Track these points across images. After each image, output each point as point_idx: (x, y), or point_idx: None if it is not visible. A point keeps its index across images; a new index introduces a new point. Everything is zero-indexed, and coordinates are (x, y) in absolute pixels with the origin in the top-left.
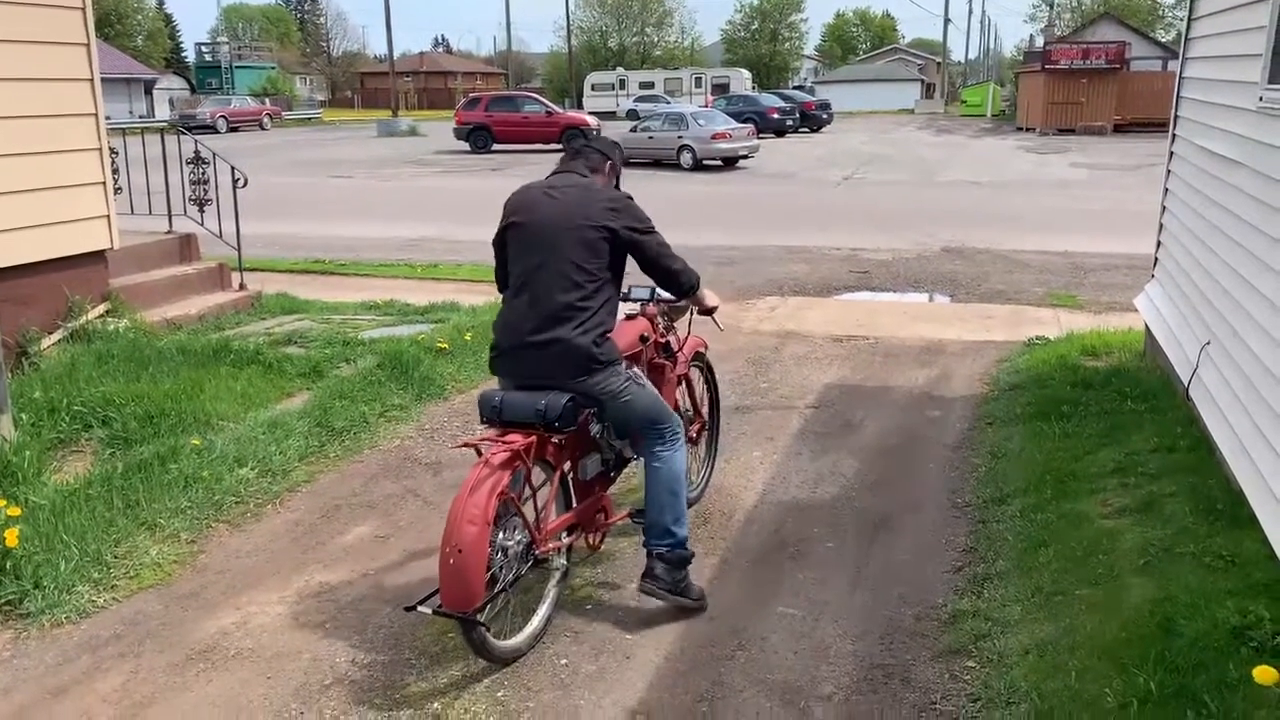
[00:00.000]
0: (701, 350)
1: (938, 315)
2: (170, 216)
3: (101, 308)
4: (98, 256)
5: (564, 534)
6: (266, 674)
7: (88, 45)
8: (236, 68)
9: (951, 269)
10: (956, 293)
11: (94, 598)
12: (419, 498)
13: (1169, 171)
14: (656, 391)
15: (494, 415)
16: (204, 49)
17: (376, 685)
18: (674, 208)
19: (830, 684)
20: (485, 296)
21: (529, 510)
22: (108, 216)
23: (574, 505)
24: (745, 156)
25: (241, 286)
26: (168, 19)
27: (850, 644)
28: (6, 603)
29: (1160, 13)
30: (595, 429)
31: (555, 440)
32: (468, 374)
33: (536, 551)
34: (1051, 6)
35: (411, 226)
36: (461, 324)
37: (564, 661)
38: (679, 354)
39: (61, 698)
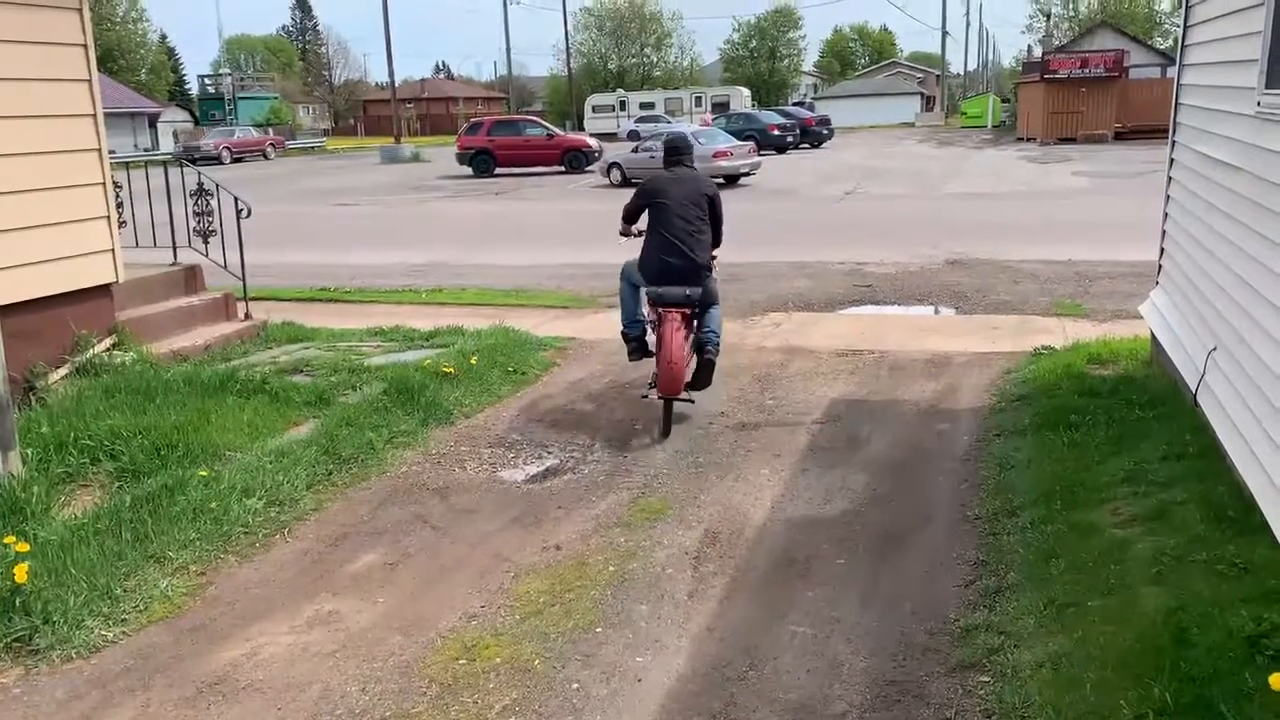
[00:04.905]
0: None
1: (943, 328)
2: (175, 248)
3: (108, 341)
4: (103, 290)
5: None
6: (277, 705)
7: (90, 81)
8: (239, 99)
9: (956, 281)
10: (961, 305)
11: (104, 632)
12: (427, 524)
13: (1170, 178)
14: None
15: (659, 300)
16: (207, 81)
17: (387, 714)
18: None
19: (843, 702)
20: (489, 320)
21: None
22: (113, 250)
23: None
24: (747, 174)
25: (247, 316)
26: (170, 52)
27: (862, 661)
28: (16, 639)
29: (1157, 20)
30: (693, 314)
31: (691, 313)
32: (474, 398)
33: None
34: (1048, 17)
35: (416, 252)
36: (466, 348)
37: (575, 685)
38: None
39: None
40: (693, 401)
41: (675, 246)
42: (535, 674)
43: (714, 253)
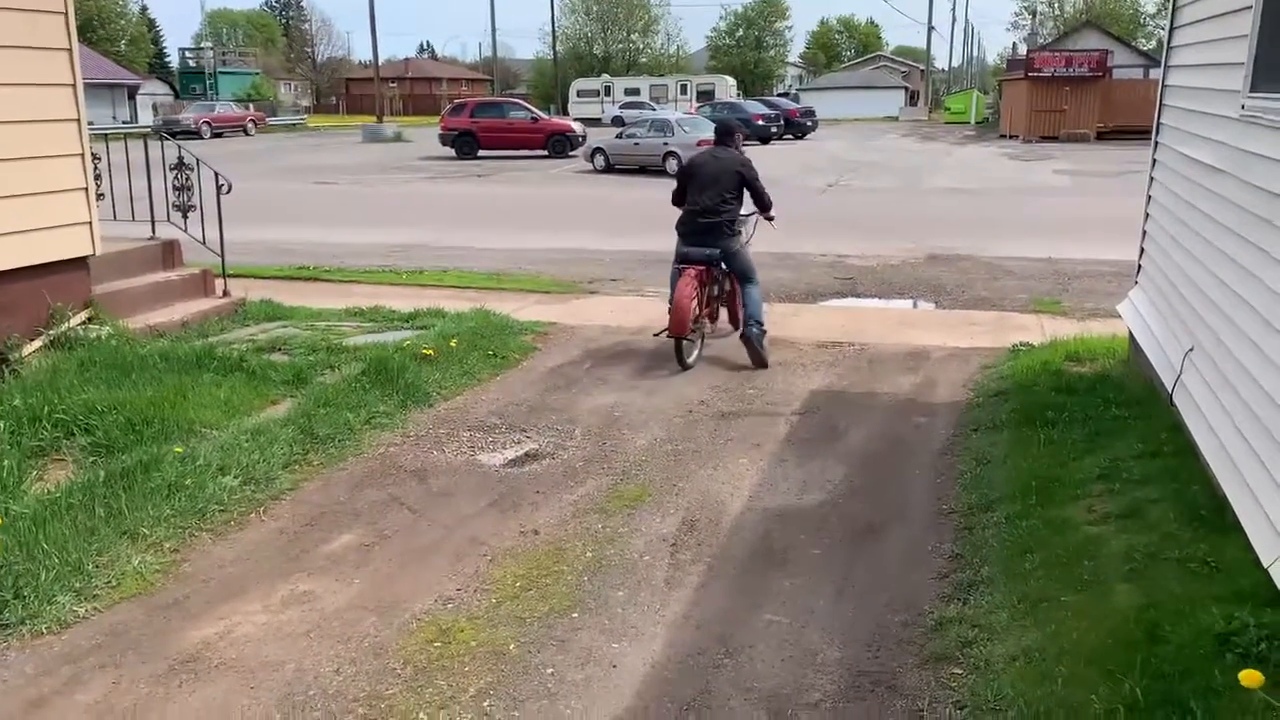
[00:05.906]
0: None
1: (923, 322)
2: (153, 222)
3: (83, 314)
4: (80, 263)
5: (705, 318)
6: (250, 684)
7: (70, 50)
8: (221, 73)
9: (936, 275)
10: (941, 299)
11: (75, 607)
12: (404, 505)
13: (1152, 179)
14: (751, 258)
15: (685, 259)
16: (188, 54)
17: (361, 695)
18: (660, 213)
19: (817, 692)
20: (470, 303)
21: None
22: (90, 223)
23: (710, 303)
24: None
25: (225, 293)
26: (151, 24)
27: (837, 651)
28: None
29: (1142, 21)
30: (716, 273)
31: (710, 271)
32: (453, 381)
33: (702, 319)
34: (1034, 15)
35: (397, 232)
36: (446, 330)
37: (550, 670)
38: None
39: (41, 709)
40: (705, 342)
41: (698, 209)
42: (510, 658)
43: (770, 213)
